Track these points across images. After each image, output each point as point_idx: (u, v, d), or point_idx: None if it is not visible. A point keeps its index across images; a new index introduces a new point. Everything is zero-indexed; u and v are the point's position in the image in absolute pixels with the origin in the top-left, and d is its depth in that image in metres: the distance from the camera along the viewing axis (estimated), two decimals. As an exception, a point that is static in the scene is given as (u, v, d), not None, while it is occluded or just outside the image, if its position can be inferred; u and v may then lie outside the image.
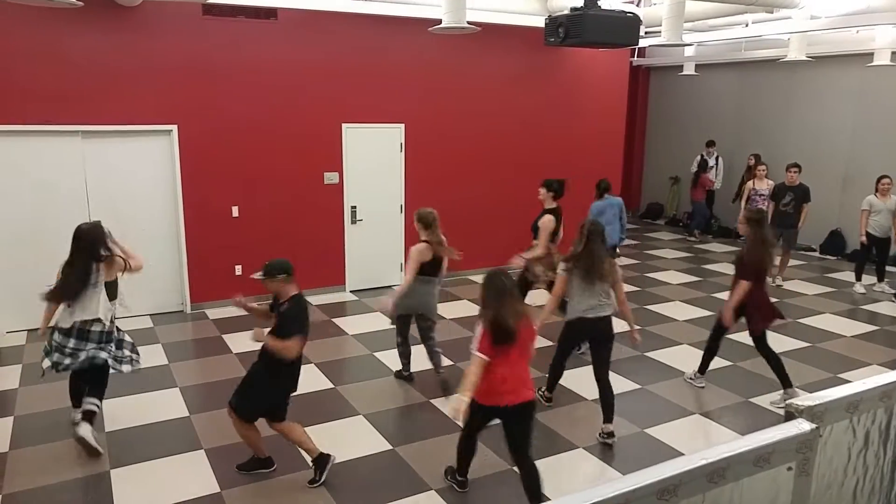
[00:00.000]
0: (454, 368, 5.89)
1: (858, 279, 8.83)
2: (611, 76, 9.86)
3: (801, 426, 1.69)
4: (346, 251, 8.40)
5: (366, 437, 4.85)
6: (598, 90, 9.79)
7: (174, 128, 7.17)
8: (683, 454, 1.70)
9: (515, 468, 3.95)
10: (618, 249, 8.16)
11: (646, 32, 8.51)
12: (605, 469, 4.50)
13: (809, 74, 10.82)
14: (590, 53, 9.35)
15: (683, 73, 12.22)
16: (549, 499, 3.84)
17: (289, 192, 7.87)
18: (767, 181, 9.46)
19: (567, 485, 4.24)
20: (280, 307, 4.09)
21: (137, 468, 4.40)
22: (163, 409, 5.23)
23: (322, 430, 4.86)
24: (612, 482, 1.38)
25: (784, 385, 5.41)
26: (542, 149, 9.34)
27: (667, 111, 13.89)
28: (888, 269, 9.07)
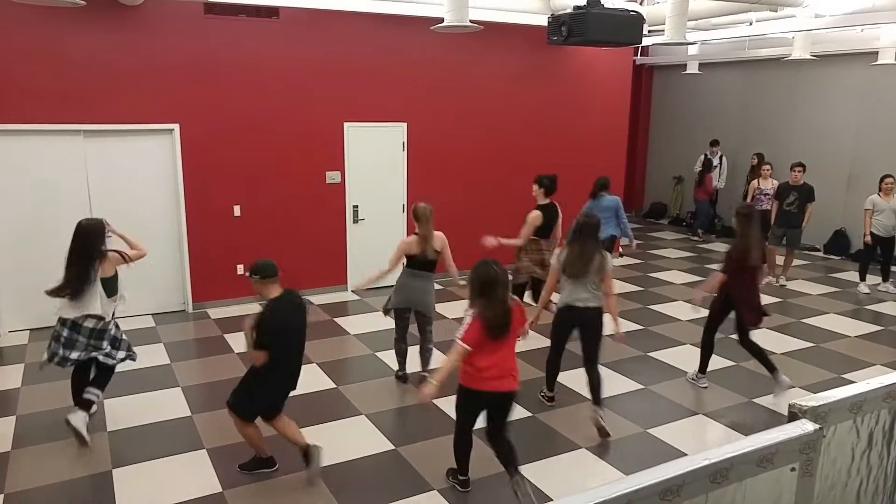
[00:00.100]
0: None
1: (863, 279, 8.80)
2: (614, 75, 9.83)
3: (805, 427, 1.68)
4: (348, 250, 8.38)
5: (368, 437, 4.84)
6: (601, 89, 9.76)
7: (176, 127, 7.17)
8: (686, 454, 1.69)
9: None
10: (621, 249, 8.15)
11: (649, 31, 8.48)
12: (607, 469, 4.48)
13: (813, 73, 10.78)
14: (593, 52, 9.32)
15: (687, 72, 12.18)
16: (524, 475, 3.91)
17: (291, 192, 7.86)
18: (772, 180, 9.42)
19: (568, 485, 4.22)
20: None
21: (139, 468, 4.39)
22: (164, 409, 5.22)
23: (324, 430, 4.86)
24: (615, 482, 1.37)
25: (770, 370, 5.46)
26: (545, 148, 9.31)
27: (670, 110, 13.85)
28: (893, 269, 9.03)
